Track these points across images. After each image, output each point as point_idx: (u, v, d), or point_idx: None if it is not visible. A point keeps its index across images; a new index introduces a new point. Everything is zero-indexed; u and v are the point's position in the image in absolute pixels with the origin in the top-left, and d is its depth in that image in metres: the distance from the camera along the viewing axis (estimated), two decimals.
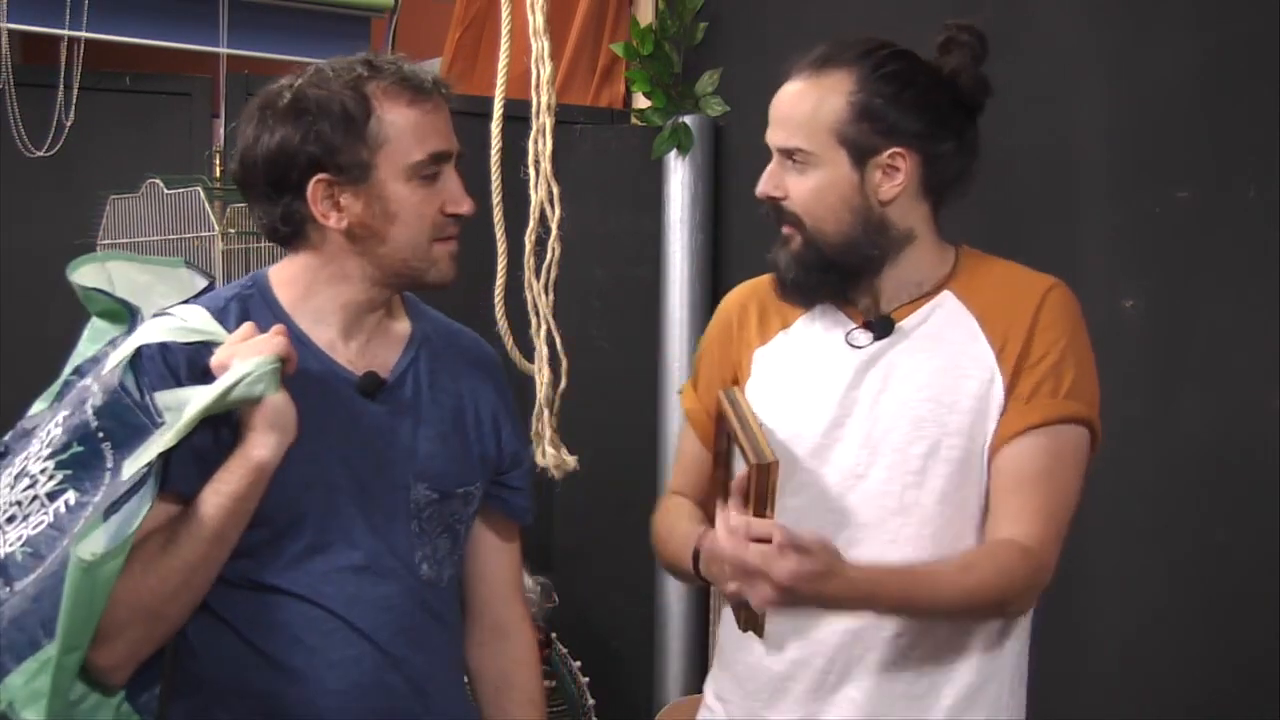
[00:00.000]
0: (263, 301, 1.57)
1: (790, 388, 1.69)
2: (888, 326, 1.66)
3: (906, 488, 1.61)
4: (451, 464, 1.60)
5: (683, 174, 3.54)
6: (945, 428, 1.61)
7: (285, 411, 1.44)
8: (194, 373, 1.46)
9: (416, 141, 1.52)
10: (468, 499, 1.63)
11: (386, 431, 1.56)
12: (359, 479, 1.53)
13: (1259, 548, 2.31)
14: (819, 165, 1.62)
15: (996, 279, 1.70)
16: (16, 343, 3.07)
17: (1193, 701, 2.42)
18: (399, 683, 1.53)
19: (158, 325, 1.51)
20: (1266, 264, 2.31)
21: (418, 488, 1.57)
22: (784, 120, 1.65)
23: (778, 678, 1.65)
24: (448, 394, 1.63)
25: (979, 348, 1.64)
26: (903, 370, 1.64)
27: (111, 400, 1.43)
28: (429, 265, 1.56)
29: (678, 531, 1.73)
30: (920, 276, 1.68)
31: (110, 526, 1.36)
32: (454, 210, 1.55)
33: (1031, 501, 1.58)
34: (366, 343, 1.59)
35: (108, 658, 1.42)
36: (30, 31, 3.08)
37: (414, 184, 1.52)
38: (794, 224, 1.64)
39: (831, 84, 1.63)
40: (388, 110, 1.51)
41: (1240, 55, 2.38)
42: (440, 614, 1.60)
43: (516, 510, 1.72)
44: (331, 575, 1.51)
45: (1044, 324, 1.63)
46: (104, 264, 1.63)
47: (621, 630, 3.46)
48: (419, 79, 1.54)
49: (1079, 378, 1.62)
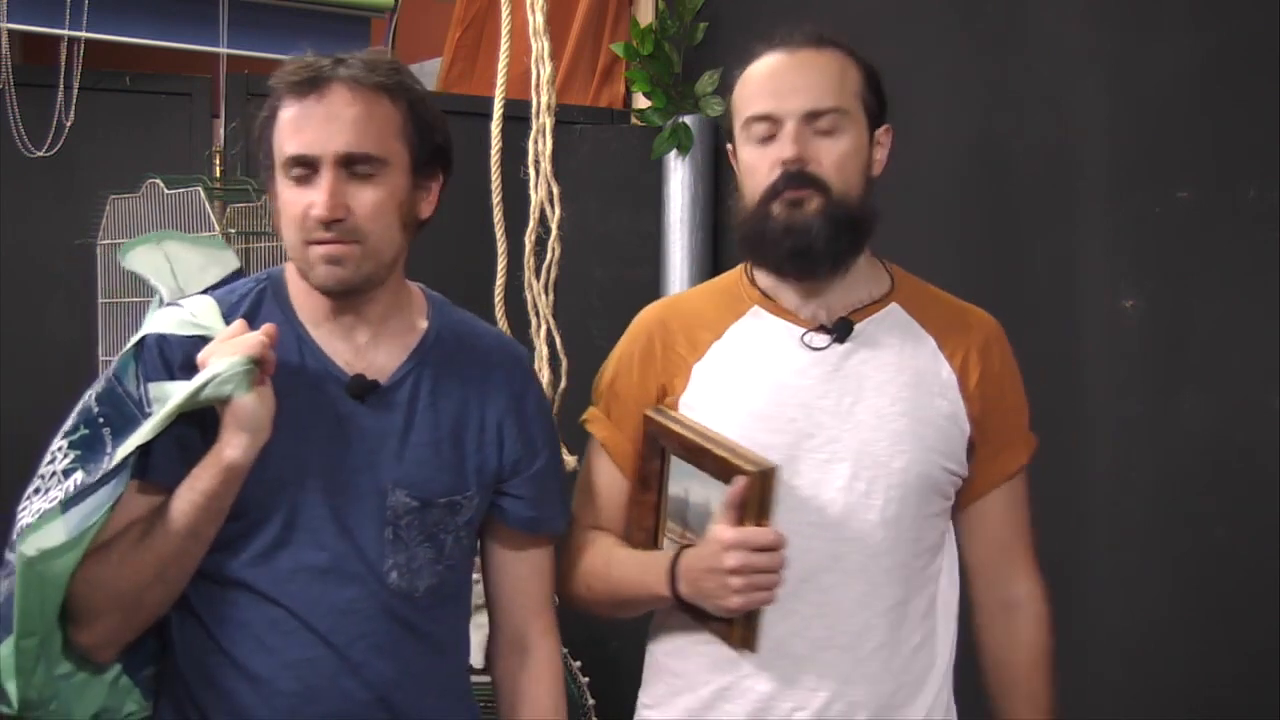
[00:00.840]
0: (274, 296, 1.58)
1: (743, 394, 1.65)
2: (847, 329, 1.65)
3: (889, 501, 1.61)
4: (439, 472, 1.56)
5: (683, 174, 3.53)
6: (923, 443, 1.63)
7: (256, 413, 1.43)
8: (187, 366, 1.47)
9: (287, 140, 1.49)
10: (454, 509, 1.58)
11: (372, 435, 1.54)
12: (336, 481, 1.52)
13: (1259, 548, 2.31)
14: (848, 129, 1.63)
15: (938, 302, 1.74)
16: (16, 343, 3.07)
17: (1193, 701, 2.41)
18: (357, 688, 1.50)
19: (165, 316, 1.53)
20: (1266, 264, 2.30)
21: (396, 494, 1.54)
22: (811, 83, 1.63)
23: (763, 696, 1.63)
24: (451, 400, 1.60)
25: (942, 368, 1.67)
26: (873, 381, 1.64)
27: (108, 387, 1.48)
28: (309, 268, 1.51)
29: (623, 559, 1.68)
30: (864, 283, 1.69)
31: (70, 519, 1.39)
32: (311, 212, 1.47)
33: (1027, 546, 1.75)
34: (368, 343, 1.57)
35: (88, 638, 1.46)
36: (30, 31, 3.07)
37: (287, 184, 1.50)
38: (816, 187, 1.60)
39: (842, 59, 1.66)
40: (279, 107, 1.51)
41: (1240, 55, 2.38)
42: (414, 625, 1.55)
43: (516, 520, 1.65)
44: (295, 575, 1.50)
45: (1002, 364, 1.71)
46: (159, 244, 1.68)
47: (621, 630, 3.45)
48: (306, 76, 1.49)
49: (1026, 410, 1.76)
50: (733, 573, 1.50)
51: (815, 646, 1.60)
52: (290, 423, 1.49)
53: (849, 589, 1.60)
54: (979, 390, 1.67)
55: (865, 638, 1.60)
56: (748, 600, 1.51)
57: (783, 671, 1.61)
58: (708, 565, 1.53)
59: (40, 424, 1.58)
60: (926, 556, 1.66)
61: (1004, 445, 1.69)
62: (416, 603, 1.55)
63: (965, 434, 1.66)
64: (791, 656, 1.60)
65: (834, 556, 1.60)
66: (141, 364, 1.48)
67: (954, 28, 2.90)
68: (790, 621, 1.60)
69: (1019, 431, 1.72)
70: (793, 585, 1.57)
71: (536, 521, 1.66)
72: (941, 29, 2.90)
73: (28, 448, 1.62)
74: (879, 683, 1.61)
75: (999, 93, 2.81)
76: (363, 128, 1.48)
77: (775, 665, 1.61)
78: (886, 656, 1.62)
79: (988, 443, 1.68)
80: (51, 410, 1.56)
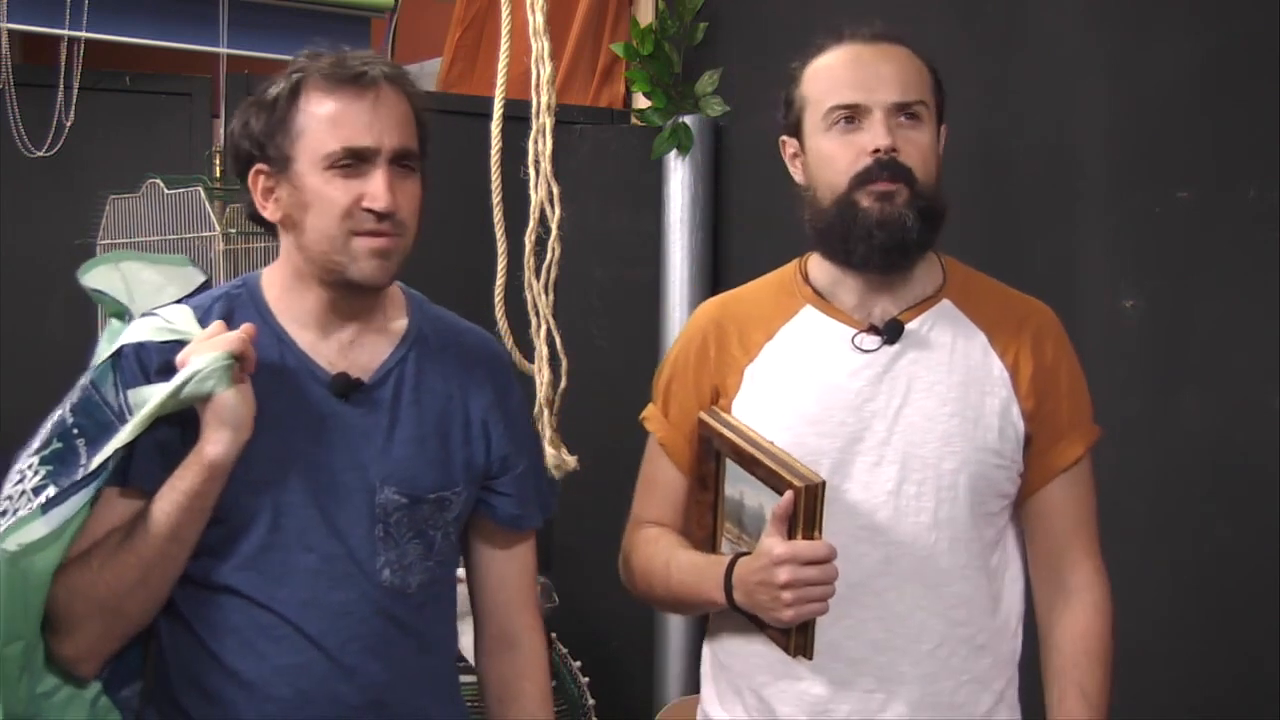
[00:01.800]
0: (250, 301, 1.57)
1: (794, 397, 1.66)
2: (898, 330, 1.64)
3: (941, 503, 1.61)
4: (426, 468, 1.57)
5: (683, 174, 3.53)
6: (973, 443, 1.62)
7: (237, 409, 1.42)
8: (164, 370, 1.46)
9: (331, 132, 1.48)
10: (442, 504, 1.58)
11: (357, 433, 1.54)
12: (323, 480, 1.52)
13: (1259, 548, 2.31)
14: (928, 122, 1.64)
15: (991, 294, 1.73)
16: (16, 343, 3.07)
17: (1193, 701, 2.41)
18: (350, 693, 1.50)
19: (141, 325, 1.52)
20: (1266, 264, 2.30)
21: (385, 491, 1.53)
22: (897, 74, 1.63)
23: (820, 700, 1.62)
24: (435, 396, 1.60)
25: (993, 364, 1.66)
26: (923, 382, 1.63)
27: (84, 397, 1.48)
28: (349, 260, 1.50)
29: (679, 562, 1.69)
30: (918, 279, 1.68)
31: (51, 519, 1.38)
32: (369, 204, 1.48)
33: (1090, 537, 1.72)
34: (351, 342, 1.57)
35: (70, 649, 1.44)
36: (30, 31, 3.08)
37: (328, 175, 1.48)
38: (904, 179, 1.60)
39: (917, 58, 1.67)
40: (311, 100, 1.49)
41: (1240, 55, 2.38)
42: (406, 623, 1.55)
43: (503, 517, 1.66)
44: (285, 578, 1.49)
45: (1056, 354, 1.68)
46: (116, 265, 1.66)
47: (621, 630, 3.46)
48: (349, 69, 1.50)
49: (1087, 400, 1.72)
50: (785, 587, 1.51)
51: (871, 649, 1.60)
52: (273, 424, 1.48)
53: (903, 591, 1.60)
54: (1032, 385, 1.65)
55: (922, 639, 1.60)
56: (799, 613, 1.52)
57: (838, 674, 1.61)
58: (760, 579, 1.54)
59: (40, 424, 1.57)
60: (987, 554, 1.65)
61: (1059, 437, 1.66)
62: (409, 600, 1.55)
63: (1019, 430, 1.65)
64: (847, 659, 1.60)
65: (886, 560, 1.60)
66: (120, 372, 1.48)
67: (954, 28, 2.90)
68: (845, 624, 1.59)
69: (1075, 422, 1.68)
70: (846, 589, 1.56)
71: (521, 519, 1.68)
72: (941, 29, 2.90)
73: None
74: (937, 682, 1.61)
75: (999, 93, 2.81)
76: (407, 125, 1.53)
77: (830, 668, 1.61)
78: (945, 656, 1.61)
79: (1043, 435, 1.66)
80: (51, 410, 1.55)
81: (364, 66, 1.50)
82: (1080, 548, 1.70)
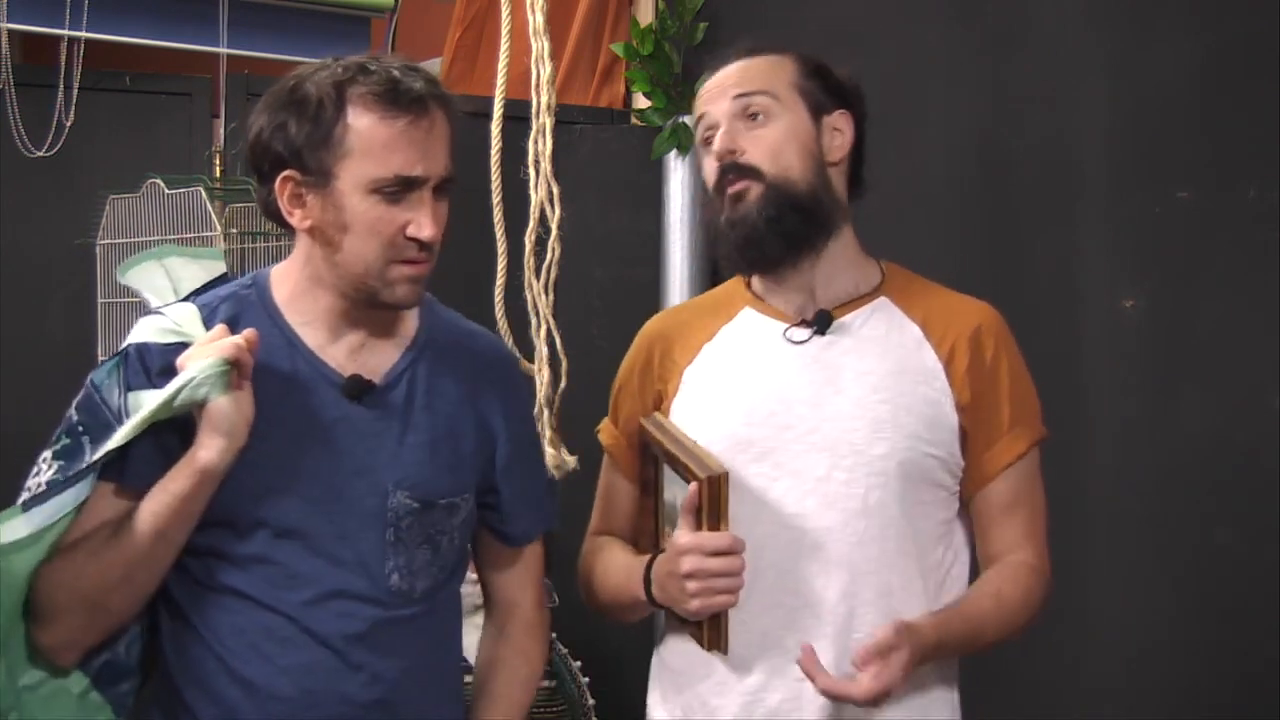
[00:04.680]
0: (259, 301, 1.55)
1: (727, 391, 1.67)
2: (826, 321, 1.66)
3: (870, 489, 1.61)
4: (437, 473, 1.56)
5: (683, 174, 3.53)
6: (903, 429, 1.62)
7: (231, 415, 1.41)
8: (165, 372, 1.46)
9: (382, 158, 1.45)
10: (452, 510, 1.57)
11: (369, 436, 1.53)
12: (333, 483, 1.51)
13: (1259, 548, 2.31)
14: (781, 114, 1.65)
15: (931, 292, 1.74)
16: (16, 343, 3.07)
17: (1193, 702, 2.41)
18: (356, 692, 1.50)
19: (147, 324, 1.52)
20: (1266, 264, 2.30)
21: (397, 495, 1.53)
22: (738, 78, 1.68)
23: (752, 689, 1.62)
24: (447, 400, 1.59)
25: (927, 356, 1.67)
26: (853, 371, 1.64)
27: (86, 395, 1.49)
28: (383, 285, 1.49)
29: (615, 565, 1.72)
30: (852, 278, 1.70)
31: (33, 518, 1.39)
32: (414, 234, 1.47)
33: (1024, 525, 1.68)
34: (361, 345, 1.56)
35: (49, 638, 1.44)
36: (30, 31, 3.08)
37: (373, 200, 1.46)
38: (752, 176, 1.64)
39: (774, 58, 1.70)
40: (358, 119, 1.45)
41: (1240, 55, 2.38)
42: (412, 626, 1.55)
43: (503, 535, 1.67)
44: (292, 581, 1.48)
45: (996, 351, 1.68)
46: (160, 261, 1.66)
47: (621, 630, 3.45)
48: (401, 92, 1.45)
49: (1033, 397, 1.72)
50: (688, 576, 1.52)
51: (803, 637, 1.59)
52: (282, 427, 1.48)
53: (833, 578, 1.60)
54: (968, 379, 1.65)
55: (852, 627, 1.60)
56: (705, 604, 1.53)
57: (771, 663, 1.61)
58: (668, 570, 1.56)
59: (40, 424, 1.57)
60: (925, 546, 1.65)
61: (1000, 434, 1.67)
62: (414, 604, 1.55)
63: (953, 421, 1.65)
64: (779, 648, 1.60)
65: (816, 546, 1.60)
66: (124, 373, 1.48)
67: (954, 28, 2.90)
68: (776, 614, 1.60)
69: (1018, 420, 1.68)
70: (777, 577, 1.59)
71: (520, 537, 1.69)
72: (941, 29, 2.90)
73: (28, 447, 1.62)
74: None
75: (999, 93, 2.81)
76: (448, 149, 1.51)
77: (763, 657, 1.61)
78: None
79: (982, 431, 1.66)
80: (51, 410, 1.55)
81: (418, 88, 1.46)
82: (1027, 545, 1.68)
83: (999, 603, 1.63)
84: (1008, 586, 1.64)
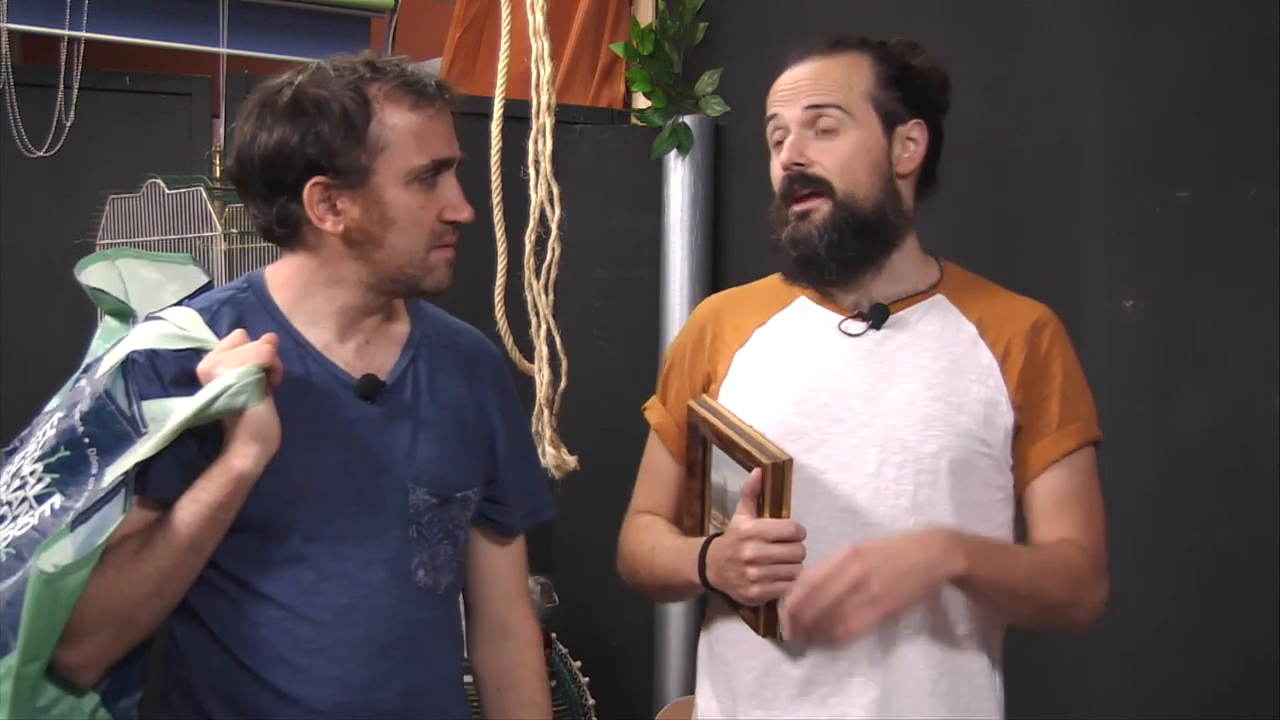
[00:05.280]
0: (259, 303, 1.55)
1: (778, 379, 1.67)
2: (883, 314, 1.65)
3: (920, 486, 1.60)
4: (451, 467, 1.57)
5: (683, 174, 3.53)
6: (955, 428, 1.61)
7: (268, 423, 1.41)
8: (181, 380, 1.44)
9: (418, 147, 1.48)
10: (466, 503, 1.59)
11: (385, 435, 1.53)
12: (355, 484, 1.51)
13: (1259, 548, 2.31)
14: (853, 128, 1.63)
15: (988, 291, 1.73)
16: (16, 343, 3.07)
17: (1193, 701, 2.41)
18: (389, 699, 1.50)
19: (149, 330, 1.50)
20: (1266, 264, 2.30)
21: (417, 492, 1.53)
22: (812, 85, 1.64)
23: (799, 681, 1.62)
24: (448, 395, 1.60)
25: (982, 354, 1.65)
26: (907, 366, 1.64)
27: (97, 406, 1.43)
28: (425, 273, 1.52)
29: (663, 546, 1.70)
30: (910, 278, 1.69)
31: (78, 536, 1.35)
32: (452, 217, 1.51)
33: (1077, 519, 1.65)
34: (364, 344, 1.56)
35: (75, 657, 1.41)
36: (30, 31, 3.08)
37: (413, 189, 1.49)
38: (822, 192, 1.62)
39: (852, 59, 1.67)
40: (389, 114, 1.48)
41: (1240, 55, 2.38)
42: (437, 623, 1.56)
43: (498, 524, 1.68)
44: (321, 586, 1.48)
45: (1050, 348, 1.67)
46: (113, 262, 1.65)
47: (621, 630, 3.46)
48: (422, 83, 1.50)
49: (1088, 400, 1.69)
50: (750, 563, 1.51)
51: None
52: (300, 430, 1.47)
53: None
54: (1023, 377, 1.64)
55: (900, 623, 1.59)
56: (765, 590, 1.52)
57: (817, 658, 1.61)
58: (728, 555, 1.55)
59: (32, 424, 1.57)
60: None
61: (1049, 429, 1.64)
62: (439, 600, 1.56)
63: (1007, 419, 1.63)
64: (826, 642, 1.59)
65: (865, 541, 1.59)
66: (132, 381, 1.45)
67: (954, 27, 2.90)
68: None
69: (1070, 418, 1.65)
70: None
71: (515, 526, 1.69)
72: (941, 29, 2.90)
73: None
74: (917, 669, 1.60)
75: (999, 93, 2.81)
76: None
77: (811, 651, 1.61)
78: (925, 643, 1.60)
79: (1032, 427, 1.64)
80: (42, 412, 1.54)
81: (425, 76, 1.52)
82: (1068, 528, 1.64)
83: (1035, 551, 1.61)
84: (1047, 549, 1.62)
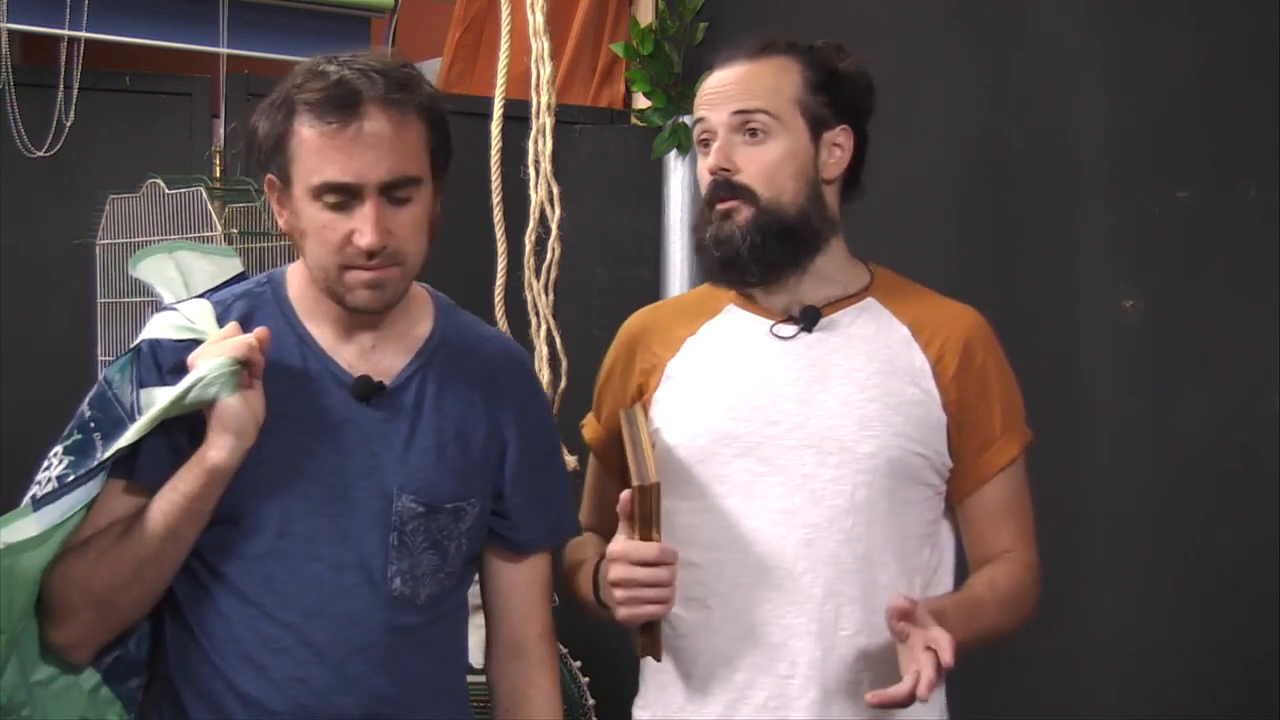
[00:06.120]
0: (273, 299, 1.55)
1: (711, 386, 1.66)
2: (814, 317, 1.65)
3: (858, 486, 1.60)
4: (444, 477, 1.53)
5: (683, 174, 3.53)
6: (892, 428, 1.62)
7: (239, 415, 1.40)
8: (178, 370, 1.45)
9: (315, 165, 1.43)
10: (458, 515, 1.55)
11: (377, 438, 1.51)
12: (339, 484, 1.49)
13: (1259, 548, 2.31)
14: (780, 133, 1.63)
15: (919, 295, 1.73)
16: (16, 343, 3.07)
17: (1193, 701, 2.41)
18: (351, 706, 1.48)
19: (162, 320, 1.52)
20: (1266, 264, 2.31)
21: (403, 499, 1.51)
22: (740, 90, 1.65)
23: (739, 686, 1.61)
24: (458, 403, 1.56)
25: (915, 356, 1.66)
26: (841, 369, 1.64)
27: (99, 391, 1.48)
28: (344, 290, 1.47)
29: (579, 562, 1.71)
30: (839, 281, 1.69)
31: (43, 516, 1.39)
32: (355, 242, 1.43)
33: (1018, 526, 1.69)
34: (373, 346, 1.54)
35: (61, 637, 1.44)
36: (30, 31, 3.08)
37: (318, 206, 1.44)
38: (743, 197, 1.63)
39: (781, 64, 1.67)
40: (301, 125, 1.43)
41: (1240, 55, 2.38)
42: (414, 634, 1.52)
43: (510, 541, 1.62)
44: (291, 585, 1.47)
45: (986, 356, 1.68)
46: (170, 254, 1.65)
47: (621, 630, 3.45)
48: (338, 95, 1.42)
49: (1019, 399, 1.71)
50: (615, 585, 1.52)
51: (788, 634, 1.59)
52: (290, 426, 1.47)
53: (819, 575, 1.59)
54: (956, 381, 1.65)
55: (839, 625, 1.59)
56: (631, 613, 1.53)
57: (756, 660, 1.60)
58: (603, 576, 1.56)
59: (40, 424, 1.57)
60: (911, 546, 1.64)
61: (992, 440, 1.67)
62: (418, 611, 1.53)
63: (940, 421, 1.64)
64: (765, 645, 1.60)
65: (804, 543, 1.59)
66: (137, 368, 1.47)
67: (954, 27, 2.90)
68: (762, 609, 1.59)
69: (1009, 425, 1.68)
70: (764, 573, 1.58)
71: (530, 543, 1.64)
72: (941, 28, 2.90)
73: (28, 447, 1.62)
74: (855, 671, 1.59)
75: (999, 93, 2.81)
76: (400, 151, 1.44)
77: (750, 654, 1.60)
78: (864, 645, 1.59)
79: (974, 436, 1.66)
80: (51, 410, 1.55)
81: (358, 86, 1.42)
82: (1022, 549, 1.69)
83: (994, 590, 1.63)
84: (1001, 577, 1.64)
